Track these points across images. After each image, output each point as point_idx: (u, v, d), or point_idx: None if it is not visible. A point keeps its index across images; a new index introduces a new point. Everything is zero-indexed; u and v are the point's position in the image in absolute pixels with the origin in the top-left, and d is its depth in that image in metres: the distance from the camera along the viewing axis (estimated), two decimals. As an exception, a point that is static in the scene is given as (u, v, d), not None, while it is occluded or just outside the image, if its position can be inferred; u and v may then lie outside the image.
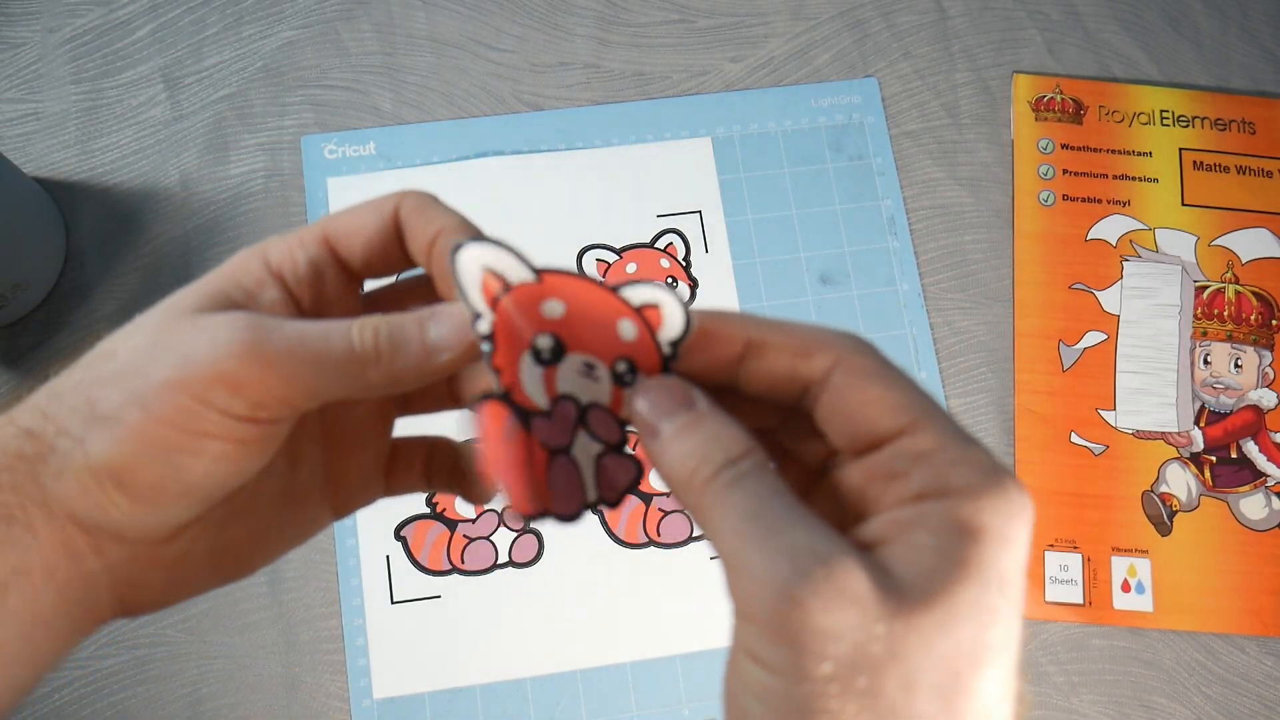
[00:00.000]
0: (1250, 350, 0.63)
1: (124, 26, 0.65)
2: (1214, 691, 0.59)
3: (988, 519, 0.21)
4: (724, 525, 0.22)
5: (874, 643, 0.20)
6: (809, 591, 0.20)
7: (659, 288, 0.25)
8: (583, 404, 0.27)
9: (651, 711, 0.57)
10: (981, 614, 0.21)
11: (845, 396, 0.24)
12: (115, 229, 0.62)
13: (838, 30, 0.68)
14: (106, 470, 0.25)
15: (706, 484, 0.23)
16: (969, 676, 0.21)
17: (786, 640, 0.20)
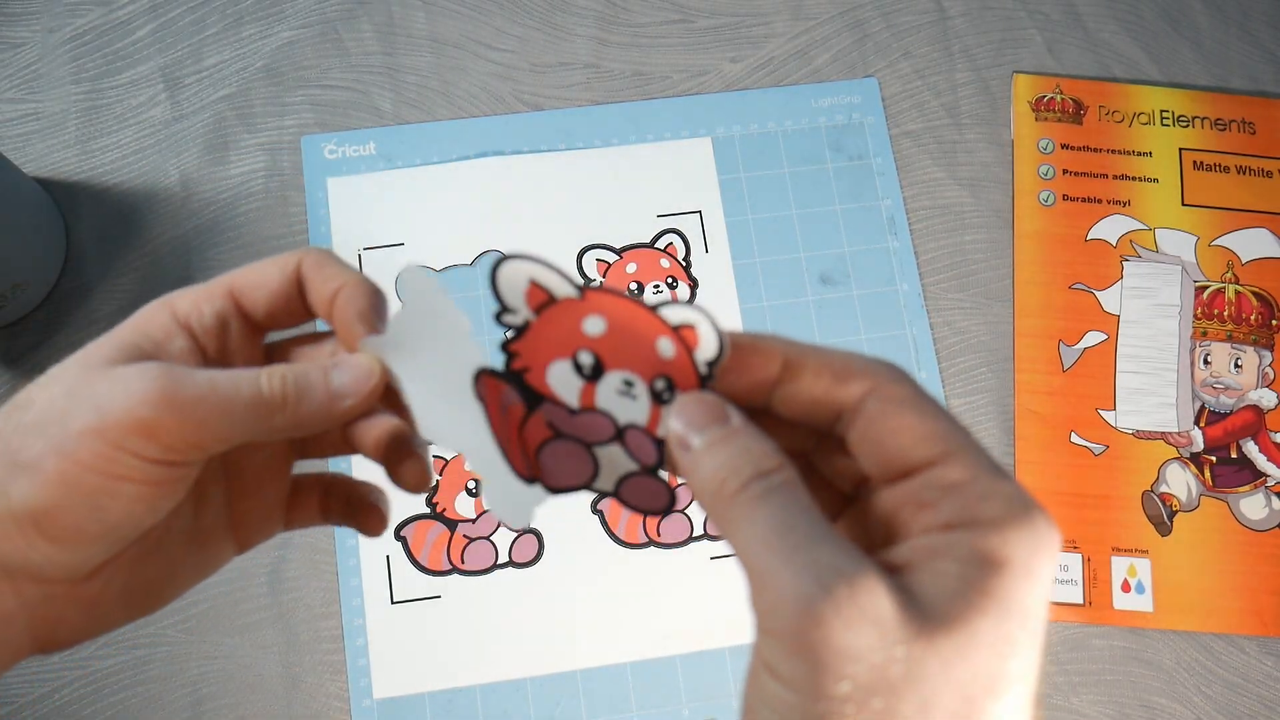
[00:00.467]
0: (1250, 350, 0.63)
1: (124, 26, 0.65)
2: (1214, 692, 0.59)
3: (1013, 551, 0.22)
4: (750, 537, 0.22)
5: (893, 665, 0.20)
6: (831, 609, 0.20)
7: (695, 309, 0.26)
8: (620, 424, 0.28)
9: (651, 711, 0.57)
10: (1001, 643, 0.21)
11: (879, 423, 0.24)
12: (115, 229, 0.62)
13: (838, 30, 0.68)
14: (29, 516, 0.26)
15: (735, 495, 0.23)
16: (985, 704, 0.21)
17: (806, 657, 0.20)
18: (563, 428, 0.28)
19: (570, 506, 0.59)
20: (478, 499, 0.59)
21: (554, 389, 0.28)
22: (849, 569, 0.21)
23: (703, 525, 0.59)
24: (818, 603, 0.20)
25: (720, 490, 0.24)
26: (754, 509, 0.23)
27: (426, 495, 0.59)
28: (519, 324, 0.28)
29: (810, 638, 0.20)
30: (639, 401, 0.28)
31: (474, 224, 0.63)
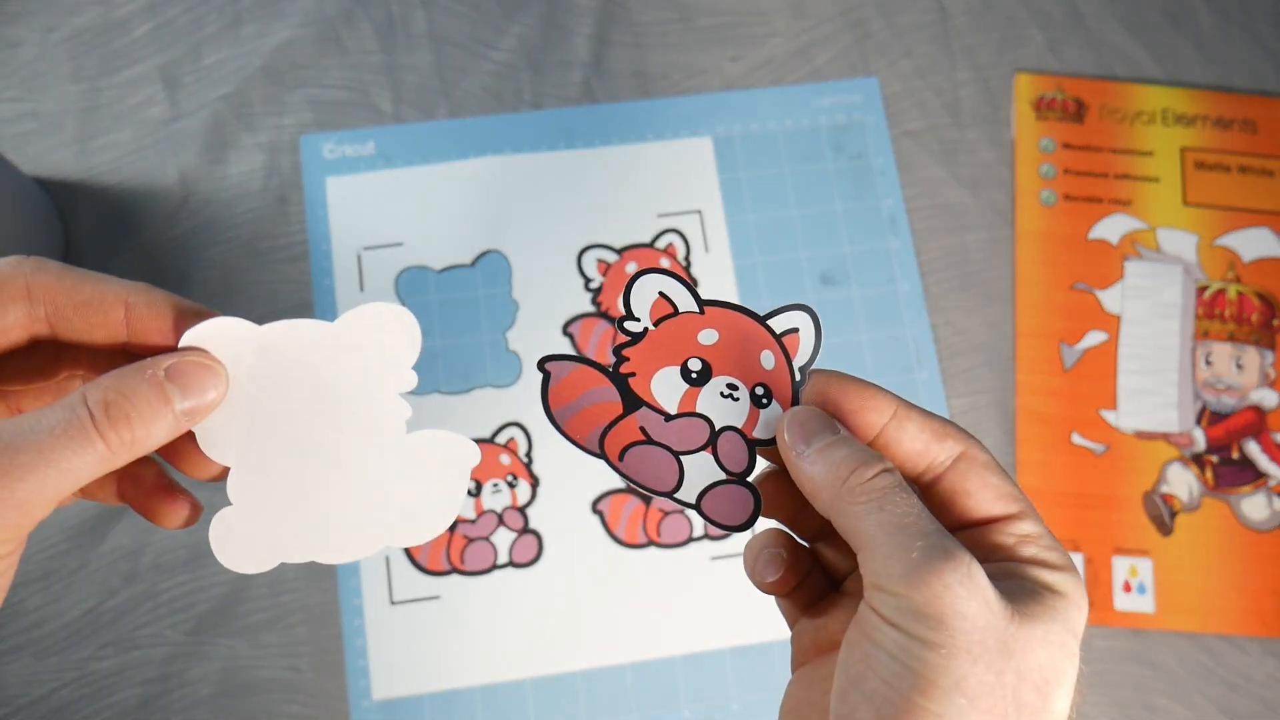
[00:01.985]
0: (1252, 350, 0.63)
1: (122, 26, 0.65)
2: (1216, 692, 0.59)
3: (1070, 589, 0.27)
4: (882, 518, 0.27)
5: (999, 633, 0.25)
6: (955, 577, 0.25)
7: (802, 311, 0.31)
8: (717, 427, 0.31)
9: (651, 712, 0.57)
10: (1063, 646, 0.26)
11: (973, 479, 0.29)
12: (113, 228, 0.62)
13: (838, 29, 0.68)
14: None
15: (865, 483, 0.27)
16: (1054, 686, 0.26)
17: (934, 613, 0.25)
18: (655, 434, 0.31)
19: (570, 507, 0.59)
20: (477, 499, 0.59)
21: (655, 395, 0.31)
22: (966, 555, 0.26)
23: (703, 526, 0.59)
24: (947, 573, 0.25)
25: (850, 479, 0.27)
26: (885, 496, 0.27)
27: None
28: (638, 331, 0.31)
29: (940, 598, 0.25)
30: (740, 404, 0.31)
31: (474, 224, 0.63)
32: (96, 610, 0.56)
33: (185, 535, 0.58)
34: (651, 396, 0.31)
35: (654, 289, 0.31)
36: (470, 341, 0.61)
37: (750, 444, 0.31)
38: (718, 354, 0.31)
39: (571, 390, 0.31)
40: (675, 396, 0.31)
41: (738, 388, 0.31)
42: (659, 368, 0.31)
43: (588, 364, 0.31)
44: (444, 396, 0.60)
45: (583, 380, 0.31)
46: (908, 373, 0.62)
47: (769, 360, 0.31)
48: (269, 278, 0.62)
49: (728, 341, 0.31)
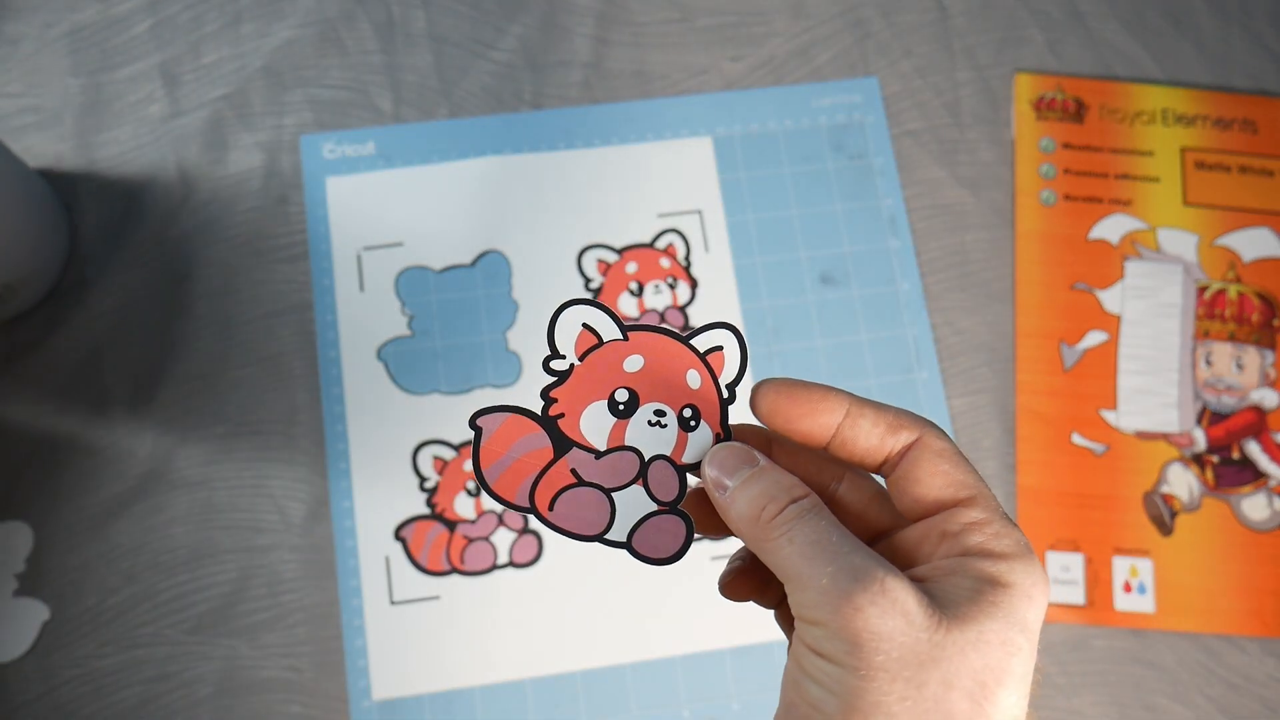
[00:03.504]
0: (1252, 350, 0.63)
1: (122, 22, 0.65)
2: (1216, 692, 0.59)
3: (1018, 579, 0.27)
4: (791, 552, 0.27)
5: (920, 645, 0.25)
6: (867, 600, 0.25)
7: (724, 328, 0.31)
8: (646, 458, 0.30)
9: (651, 712, 0.57)
10: (1007, 644, 0.26)
11: (922, 467, 0.29)
12: (113, 226, 0.62)
13: (838, 29, 0.68)
14: None
15: (773, 519, 0.28)
16: (994, 689, 0.25)
17: (848, 637, 0.25)
18: (586, 474, 0.30)
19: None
20: (478, 499, 0.59)
21: (585, 433, 0.30)
22: (880, 570, 0.26)
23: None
24: (856, 595, 0.25)
25: (760, 516, 0.28)
26: (793, 528, 0.27)
27: (426, 496, 0.59)
28: (564, 370, 0.30)
29: (852, 622, 0.25)
30: (668, 430, 0.30)
31: (474, 224, 0.63)
32: (96, 609, 0.56)
33: (185, 535, 0.57)
34: (581, 435, 0.30)
35: (577, 321, 0.30)
36: (470, 341, 0.61)
37: (680, 470, 0.31)
38: (643, 381, 0.31)
39: (503, 443, 0.30)
40: (604, 432, 0.30)
41: (665, 413, 0.31)
42: (586, 404, 0.30)
43: (519, 412, 0.30)
44: (444, 396, 0.60)
45: (515, 430, 0.30)
46: (908, 373, 0.62)
47: (695, 380, 0.31)
48: (269, 278, 0.62)
49: (652, 366, 0.31)
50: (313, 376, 0.60)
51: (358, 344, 0.61)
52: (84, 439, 0.59)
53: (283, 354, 0.60)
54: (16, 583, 0.57)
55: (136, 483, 0.58)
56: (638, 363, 0.30)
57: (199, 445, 0.59)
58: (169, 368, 0.60)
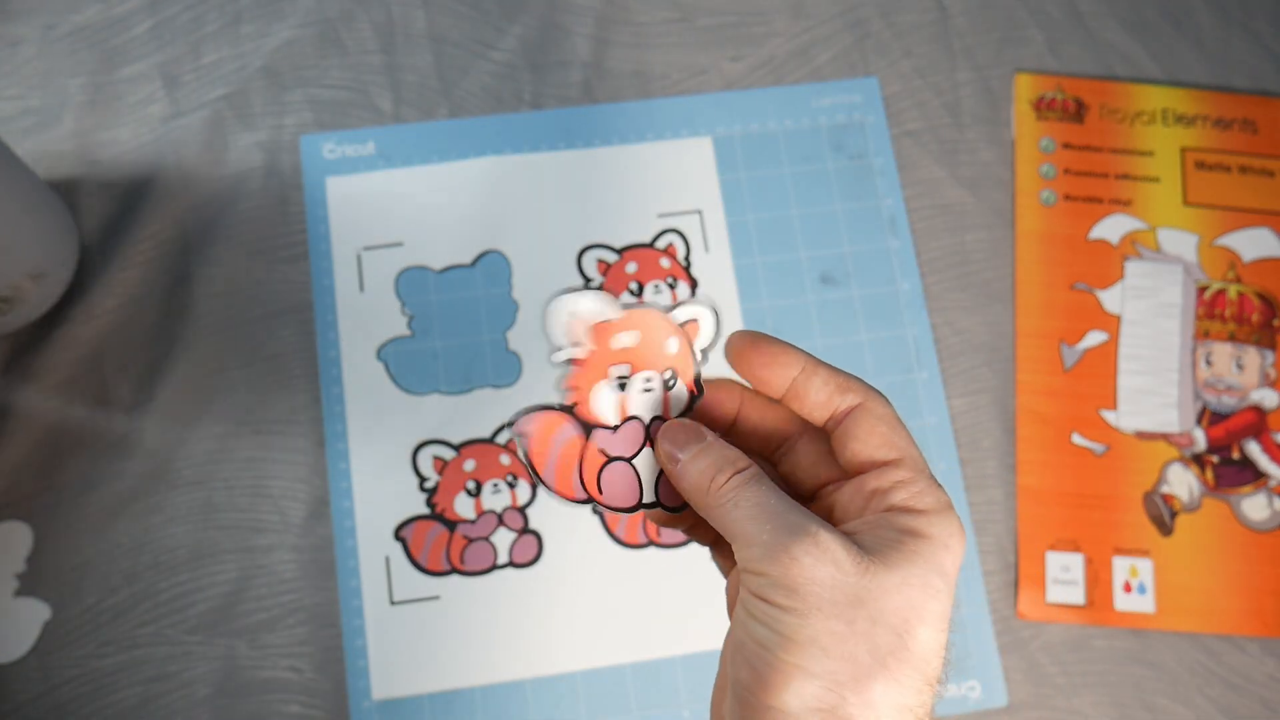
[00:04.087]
0: (1252, 350, 0.63)
1: (122, 23, 0.65)
2: (1216, 693, 0.59)
3: (936, 531, 0.30)
4: (738, 513, 0.31)
5: (848, 588, 0.29)
6: (801, 550, 0.29)
7: (700, 303, 0.34)
8: (647, 421, 0.34)
9: (651, 713, 0.57)
10: (926, 587, 0.29)
11: (862, 426, 0.33)
12: (113, 226, 0.62)
13: (838, 29, 0.68)
14: None
15: (721, 488, 0.31)
16: (915, 625, 0.29)
17: (788, 584, 0.29)
18: (610, 449, 0.33)
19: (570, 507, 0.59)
20: (477, 499, 0.59)
21: (598, 413, 0.33)
22: (813, 525, 0.30)
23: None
24: (793, 547, 0.29)
25: (710, 485, 0.32)
26: (738, 493, 0.31)
27: (426, 496, 0.59)
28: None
29: (790, 570, 0.29)
30: (655, 394, 0.34)
31: (474, 224, 0.63)
32: (96, 609, 0.56)
33: (185, 534, 0.57)
34: (595, 416, 0.33)
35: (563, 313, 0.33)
36: (470, 341, 0.61)
37: None
38: (635, 355, 0.33)
39: (544, 442, 0.33)
40: (613, 407, 0.33)
41: (651, 379, 0.34)
42: (593, 385, 0.33)
43: (545, 408, 0.33)
44: (444, 396, 0.60)
45: (548, 426, 0.33)
46: (908, 373, 0.62)
47: (673, 345, 0.34)
48: (269, 277, 0.62)
49: (642, 340, 0.33)
50: (313, 376, 0.60)
51: (358, 344, 0.61)
52: (84, 438, 0.59)
53: (283, 354, 0.60)
54: (16, 583, 0.57)
55: (136, 482, 0.58)
56: (630, 338, 0.33)
57: (199, 445, 0.59)
58: (169, 368, 0.60)
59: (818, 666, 0.28)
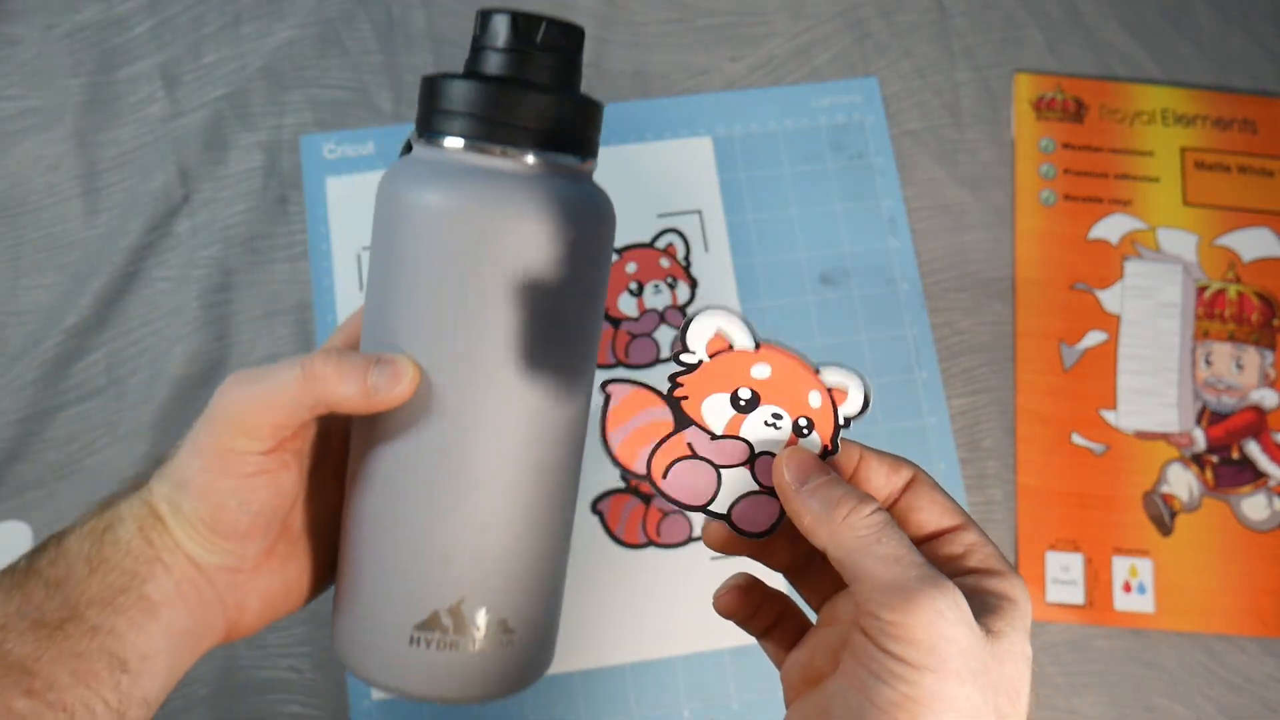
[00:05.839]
0: (1252, 350, 0.63)
1: (122, 23, 0.65)
2: (1216, 693, 0.59)
3: (1019, 594, 0.31)
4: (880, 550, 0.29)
5: (979, 651, 0.28)
6: (946, 606, 0.28)
7: (853, 374, 0.33)
8: (756, 451, 0.33)
9: (651, 713, 0.57)
10: (1025, 654, 0.30)
11: (923, 498, 0.33)
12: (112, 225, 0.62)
13: (838, 29, 0.68)
14: (201, 522, 0.36)
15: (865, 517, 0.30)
16: (1022, 692, 0.29)
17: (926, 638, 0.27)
18: (700, 450, 0.33)
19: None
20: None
21: (705, 417, 0.33)
22: (950, 584, 0.29)
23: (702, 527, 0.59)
24: (938, 598, 0.28)
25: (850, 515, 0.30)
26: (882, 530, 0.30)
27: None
28: (693, 363, 0.33)
29: (933, 622, 0.27)
30: (782, 432, 0.33)
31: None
32: (95, 610, 0.56)
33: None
34: (701, 418, 0.33)
35: (712, 327, 0.33)
36: (470, 341, 0.61)
37: None
38: (767, 387, 0.33)
39: (627, 412, 0.33)
40: (723, 420, 0.33)
41: (782, 417, 0.33)
42: (710, 393, 0.33)
43: (645, 387, 0.33)
44: (444, 396, 0.60)
45: (638, 402, 0.33)
46: (908, 373, 0.62)
47: (816, 400, 0.33)
48: (269, 278, 0.62)
49: (779, 378, 0.33)
50: (312, 376, 0.60)
51: (357, 344, 0.61)
52: (84, 438, 0.59)
53: (283, 354, 0.60)
54: (16, 582, 0.57)
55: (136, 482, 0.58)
56: (764, 371, 0.33)
57: (199, 445, 0.59)
58: (168, 367, 0.60)
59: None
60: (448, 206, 0.34)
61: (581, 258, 0.35)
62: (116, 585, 0.35)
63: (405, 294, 0.35)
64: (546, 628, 0.39)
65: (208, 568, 0.36)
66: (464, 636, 0.36)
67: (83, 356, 0.60)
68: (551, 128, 0.35)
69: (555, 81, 0.35)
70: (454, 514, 0.36)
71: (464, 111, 0.34)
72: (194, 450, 0.36)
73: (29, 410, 0.59)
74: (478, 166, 0.34)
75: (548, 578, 0.38)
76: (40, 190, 0.62)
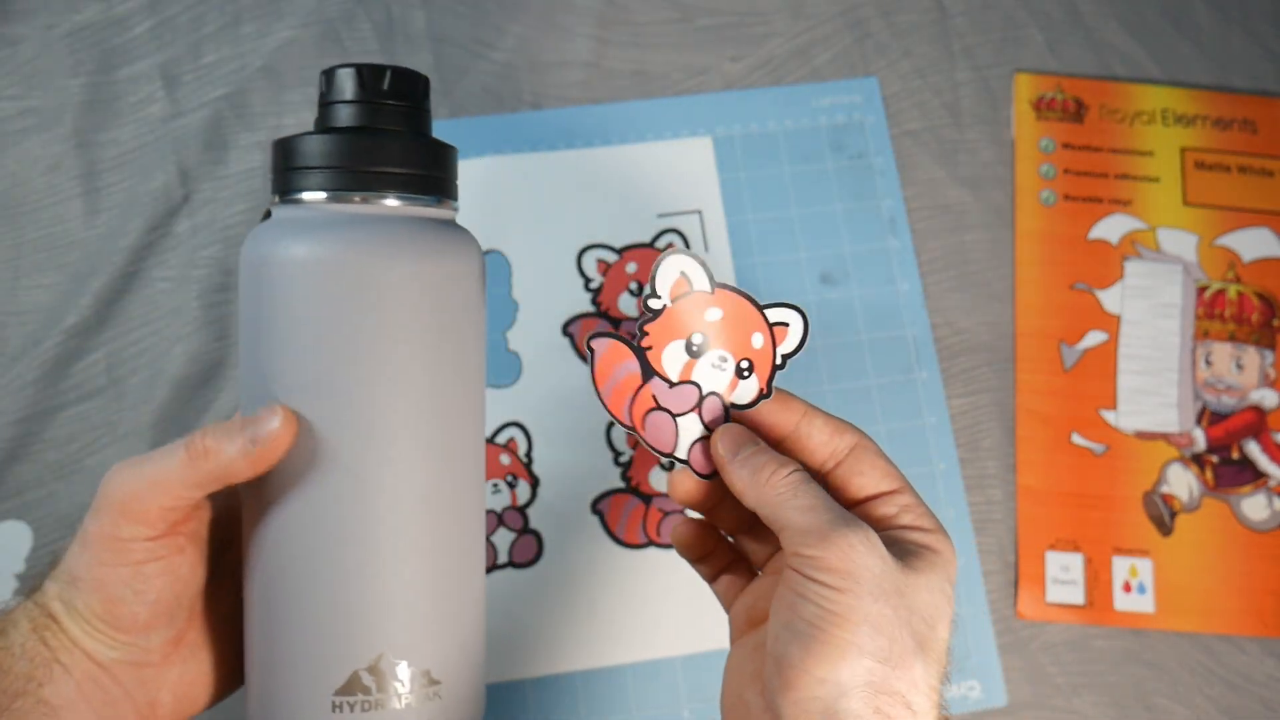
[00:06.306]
0: (1252, 350, 0.63)
1: (122, 23, 0.65)
2: (1216, 693, 0.59)
3: (943, 547, 0.35)
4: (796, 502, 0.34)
5: (893, 579, 0.32)
6: (859, 541, 0.32)
7: (794, 309, 0.36)
8: (704, 392, 0.37)
9: (651, 713, 0.57)
10: (942, 592, 0.34)
11: (864, 462, 0.37)
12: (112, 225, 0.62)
13: (838, 29, 0.68)
14: (97, 617, 0.35)
15: (782, 479, 0.34)
16: (938, 621, 0.33)
17: (844, 567, 0.32)
18: (661, 400, 0.36)
19: (570, 507, 0.59)
20: (477, 499, 0.59)
21: (664, 366, 0.36)
22: (863, 523, 0.33)
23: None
24: (850, 535, 0.32)
25: (769, 479, 0.35)
26: (796, 488, 0.34)
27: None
28: (658, 309, 0.36)
29: (847, 554, 0.32)
30: (725, 374, 0.37)
31: (473, 224, 0.63)
32: (95, 610, 0.56)
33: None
34: (661, 367, 0.36)
35: (677, 268, 0.36)
36: (470, 341, 0.61)
37: (726, 407, 0.37)
38: (717, 330, 0.36)
39: (610, 365, 0.36)
40: (678, 366, 0.36)
41: (727, 360, 0.37)
42: (669, 341, 0.36)
43: (619, 340, 0.36)
44: (444, 396, 0.60)
45: (616, 355, 0.36)
46: (908, 373, 0.62)
47: (758, 341, 0.37)
48: (269, 277, 0.62)
49: (728, 320, 0.36)
50: (312, 376, 0.60)
51: (357, 344, 0.61)
52: (84, 438, 0.59)
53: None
54: (16, 583, 0.57)
55: (136, 482, 0.58)
56: (716, 314, 0.36)
57: (199, 445, 0.59)
58: (168, 367, 0.60)
59: (870, 644, 0.31)
60: (314, 255, 0.34)
61: (453, 295, 0.36)
62: (11, 691, 0.33)
63: (279, 351, 0.35)
64: (473, 677, 0.38)
65: (110, 664, 0.35)
66: (387, 694, 0.34)
67: (83, 356, 0.60)
68: (408, 171, 0.35)
69: (407, 128, 0.36)
70: (361, 565, 0.34)
71: (320, 165, 0.35)
72: (83, 543, 0.35)
73: (29, 410, 0.59)
74: (340, 214, 0.34)
75: (467, 622, 0.37)
76: (40, 190, 0.62)
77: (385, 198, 0.35)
